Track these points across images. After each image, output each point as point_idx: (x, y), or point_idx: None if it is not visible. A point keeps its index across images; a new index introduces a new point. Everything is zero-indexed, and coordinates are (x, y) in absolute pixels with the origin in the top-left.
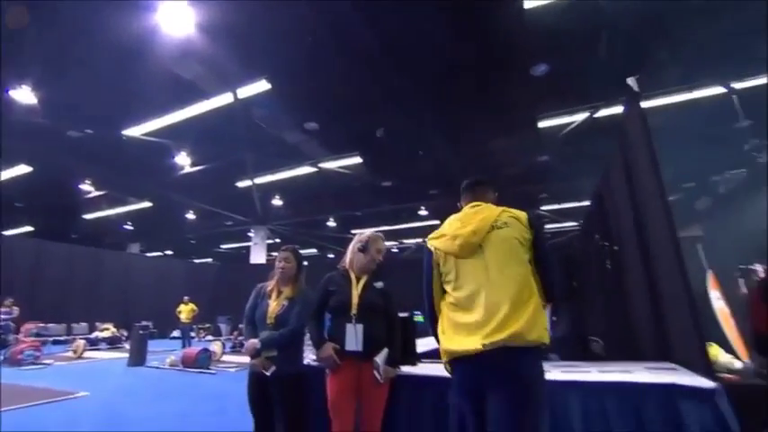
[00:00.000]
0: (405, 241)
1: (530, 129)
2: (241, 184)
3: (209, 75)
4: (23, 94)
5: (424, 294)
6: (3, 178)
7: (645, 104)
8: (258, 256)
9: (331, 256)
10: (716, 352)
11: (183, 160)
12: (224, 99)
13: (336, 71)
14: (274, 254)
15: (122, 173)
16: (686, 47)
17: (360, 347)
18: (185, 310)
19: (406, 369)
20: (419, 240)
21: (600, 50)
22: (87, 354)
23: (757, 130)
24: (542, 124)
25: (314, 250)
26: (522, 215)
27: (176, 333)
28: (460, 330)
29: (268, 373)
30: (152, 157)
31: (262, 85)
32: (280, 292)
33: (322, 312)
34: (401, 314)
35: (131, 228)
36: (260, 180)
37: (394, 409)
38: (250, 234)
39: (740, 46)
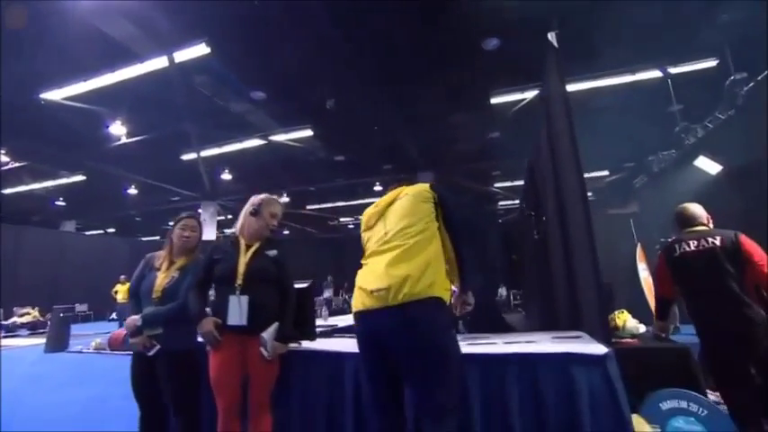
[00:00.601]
0: (360, 217)
1: (482, 105)
2: (186, 156)
3: (141, 35)
4: None
5: None
6: None
7: (591, 84)
8: (208, 233)
9: (286, 232)
10: (625, 317)
11: (118, 130)
12: (159, 63)
13: (284, 38)
14: (228, 231)
15: (46, 143)
16: (631, 30)
17: (244, 321)
18: (122, 290)
19: (305, 345)
20: None
21: (550, 28)
22: (3, 342)
23: (687, 113)
24: (495, 101)
25: None
26: (425, 185)
27: (114, 315)
28: (360, 289)
29: (150, 354)
30: (80, 126)
31: (201, 49)
32: (171, 263)
33: (205, 283)
34: (300, 284)
35: (64, 204)
36: (206, 153)
37: (286, 385)
38: (199, 211)
39: (678, 32)
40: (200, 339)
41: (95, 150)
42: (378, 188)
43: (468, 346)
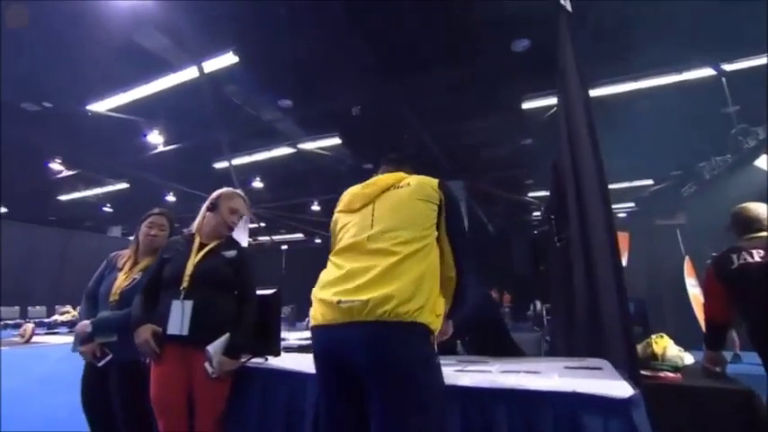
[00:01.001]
0: None
1: (513, 110)
2: (218, 165)
3: (174, 46)
4: None
5: None
6: None
7: (632, 86)
8: (241, 240)
9: (318, 241)
10: (665, 344)
11: (156, 139)
12: (190, 73)
13: (308, 45)
14: (262, 238)
15: (93, 152)
16: (677, 25)
17: (185, 331)
18: None
19: (269, 361)
20: None
21: (586, 26)
22: (42, 338)
23: (744, 114)
24: (526, 105)
25: (300, 235)
26: (433, 180)
27: None
28: (321, 301)
29: (100, 365)
30: (122, 135)
31: (229, 59)
32: (135, 264)
33: (153, 286)
34: (264, 291)
35: (111, 210)
36: (237, 161)
37: (240, 408)
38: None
39: (731, 26)
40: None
41: (136, 159)
42: None
43: (454, 372)
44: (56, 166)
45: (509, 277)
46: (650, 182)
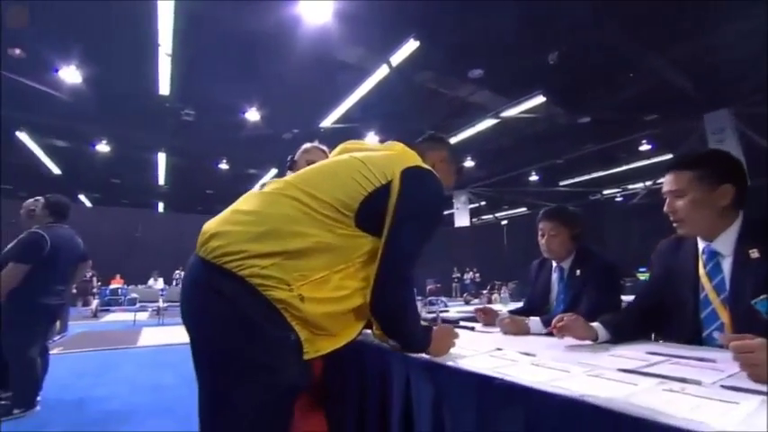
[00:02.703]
0: (629, 186)
1: None
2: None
3: (368, 53)
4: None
5: None
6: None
7: None
8: (462, 219)
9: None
10: None
11: (372, 140)
12: (382, 72)
13: (487, 7)
14: (486, 217)
15: None
16: None
17: None
18: None
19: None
20: (648, 183)
21: None
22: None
23: None
24: None
25: (524, 209)
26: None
27: None
28: None
29: None
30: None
31: (411, 46)
32: None
33: None
34: None
35: None
36: None
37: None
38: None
39: None
40: None
41: None
42: (645, 147)
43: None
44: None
45: None
46: None
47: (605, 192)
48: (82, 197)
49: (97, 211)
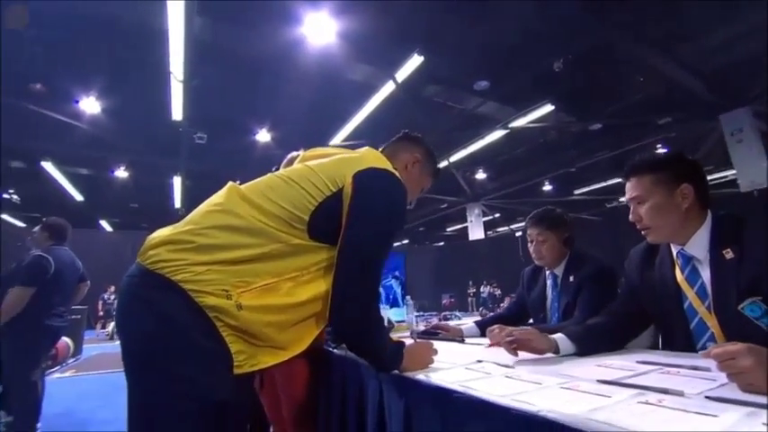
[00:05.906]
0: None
1: None
2: (440, 164)
3: (374, 69)
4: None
5: None
6: None
7: None
8: (476, 233)
9: None
10: None
11: None
12: (388, 88)
13: (484, 15)
14: (501, 229)
15: None
16: None
17: None
18: None
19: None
20: None
21: None
22: None
23: None
24: None
25: None
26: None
27: None
28: None
29: None
30: None
31: (416, 61)
32: None
33: None
34: None
35: None
36: (455, 157)
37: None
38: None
39: None
40: None
41: None
42: (660, 151)
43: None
44: None
45: None
46: None
47: (622, 199)
48: (103, 222)
49: (118, 236)
